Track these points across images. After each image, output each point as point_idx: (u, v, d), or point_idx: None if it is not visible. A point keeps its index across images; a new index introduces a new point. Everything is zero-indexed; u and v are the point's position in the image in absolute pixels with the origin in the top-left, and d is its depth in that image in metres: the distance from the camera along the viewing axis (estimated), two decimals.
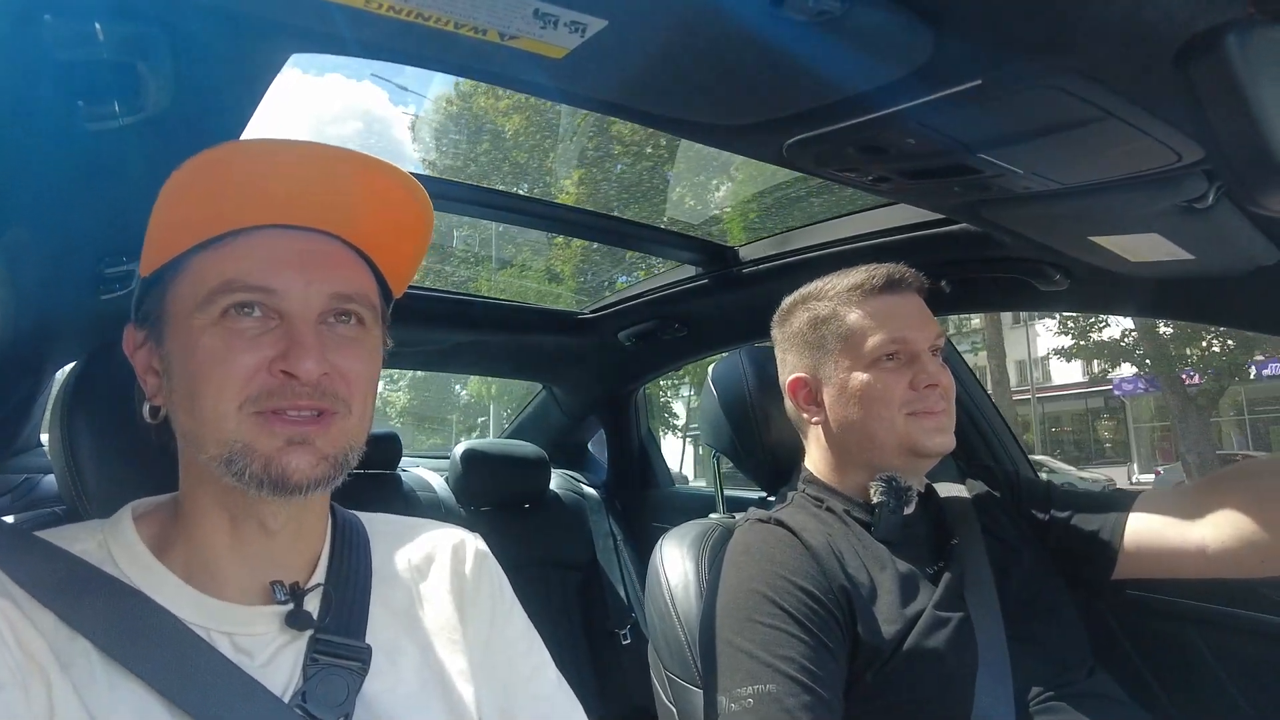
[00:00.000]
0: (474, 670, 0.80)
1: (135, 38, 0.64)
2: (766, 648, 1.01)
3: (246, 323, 0.68)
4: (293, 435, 0.67)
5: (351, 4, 0.58)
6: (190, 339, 0.68)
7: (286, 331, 0.68)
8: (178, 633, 0.67)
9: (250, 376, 0.67)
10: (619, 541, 2.44)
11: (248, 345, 0.67)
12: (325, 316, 0.71)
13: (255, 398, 0.67)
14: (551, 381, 2.74)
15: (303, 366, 0.66)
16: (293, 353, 0.67)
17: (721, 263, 1.79)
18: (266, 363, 0.67)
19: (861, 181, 0.97)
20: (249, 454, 0.66)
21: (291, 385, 0.67)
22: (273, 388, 0.67)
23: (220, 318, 0.68)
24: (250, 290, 0.68)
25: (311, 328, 0.69)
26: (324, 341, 0.69)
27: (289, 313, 0.69)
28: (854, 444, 1.17)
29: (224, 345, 0.67)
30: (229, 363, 0.67)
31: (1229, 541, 1.01)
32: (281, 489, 0.67)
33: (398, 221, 0.75)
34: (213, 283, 0.68)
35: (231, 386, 0.66)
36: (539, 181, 11.35)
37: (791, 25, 0.58)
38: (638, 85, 0.73)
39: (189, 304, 0.69)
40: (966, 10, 0.59)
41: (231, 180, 0.67)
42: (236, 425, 0.66)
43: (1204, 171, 0.84)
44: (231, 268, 0.68)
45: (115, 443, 0.88)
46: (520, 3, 0.56)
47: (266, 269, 0.69)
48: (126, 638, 0.65)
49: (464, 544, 0.88)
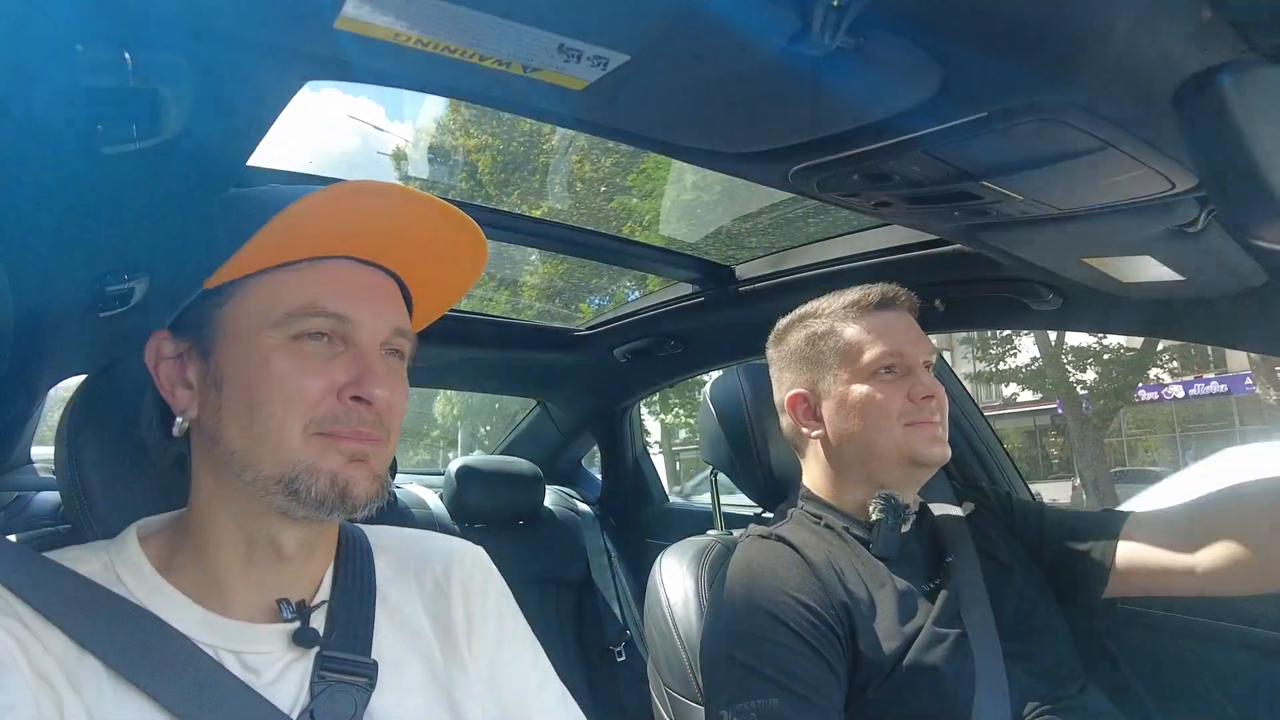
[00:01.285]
0: (480, 684, 0.80)
1: (162, 66, 0.65)
2: (768, 663, 1.01)
3: (316, 346, 0.70)
4: (355, 452, 0.69)
5: (378, 36, 0.59)
6: (257, 356, 0.69)
7: (356, 359, 0.70)
8: (187, 651, 0.67)
9: (319, 400, 0.68)
10: (613, 558, 2.43)
11: (319, 369, 0.69)
12: (383, 348, 0.73)
13: (320, 420, 0.68)
14: (546, 397, 2.74)
15: (376, 393, 0.69)
16: (367, 379, 0.69)
17: (718, 281, 1.81)
18: (336, 388, 0.69)
19: (863, 206, 1.00)
20: (313, 473, 0.68)
21: (358, 411, 0.69)
22: (339, 413, 0.69)
23: (291, 339, 0.69)
24: (329, 316, 0.70)
25: (379, 357, 0.72)
26: (386, 371, 0.72)
27: (359, 341, 0.71)
28: (853, 456, 1.19)
29: (295, 367, 0.68)
30: (299, 385, 0.68)
31: (1218, 561, 1.03)
32: (342, 506, 0.68)
33: (454, 265, 0.79)
34: (292, 305, 0.69)
35: (299, 408, 0.68)
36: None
37: (807, 60, 0.60)
38: (653, 116, 0.74)
39: (258, 321, 0.69)
40: (975, 47, 0.61)
41: (313, 212, 0.69)
42: (300, 446, 0.68)
43: (1196, 198, 0.86)
44: (313, 292, 0.70)
45: (122, 460, 0.87)
46: (547, 38, 0.58)
47: (343, 297, 0.71)
48: (136, 656, 0.65)
49: (467, 556, 0.89)
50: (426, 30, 0.58)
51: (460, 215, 0.74)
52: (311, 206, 0.68)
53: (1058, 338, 16.15)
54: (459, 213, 0.74)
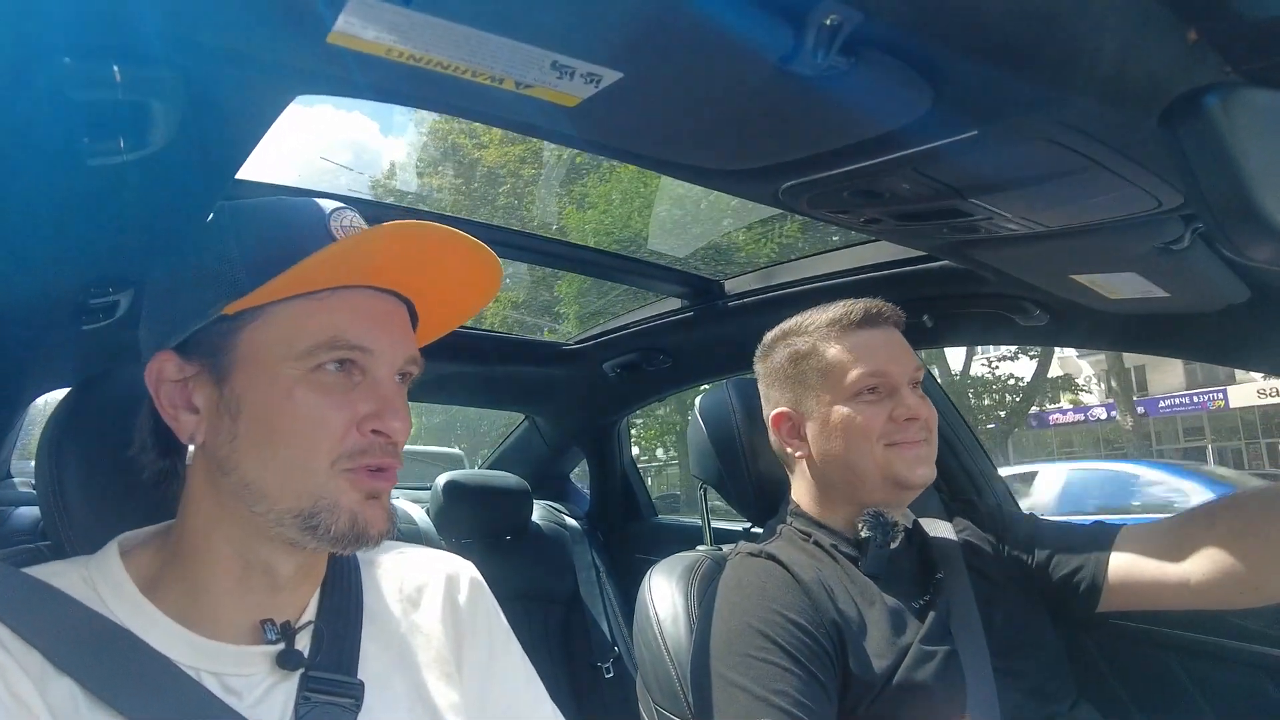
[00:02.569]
0: (469, 703, 0.79)
1: (151, 80, 0.64)
2: (760, 682, 1.01)
3: (334, 378, 0.69)
4: (371, 490, 0.69)
5: (370, 52, 0.59)
6: (278, 388, 0.68)
7: (374, 390, 0.70)
8: (167, 673, 0.65)
9: (344, 434, 0.68)
10: (602, 573, 2.42)
11: (340, 401, 0.69)
12: (395, 376, 0.73)
13: (348, 454, 0.68)
14: (534, 412, 2.73)
15: (395, 427, 0.69)
16: (386, 413, 0.69)
17: (707, 296, 1.81)
18: (357, 420, 0.69)
19: (853, 222, 1.00)
20: (334, 510, 0.67)
21: (379, 444, 0.69)
22: (365, 446, 0.69)
23: (311, 371, 0.68)
24: (352, 349, 0.69)
25: (396, 388, 0.72)
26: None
27: (376, 372, 0.71)
28: (838, 477, 1.18)
29: (318, 400, 0.68)
30: (324, 419, 0.68)
31: (1211, 574, 1.02)
32: (361, 542, 0.69)
33: (465, 297, 0.80)
34: (317, 337, 0.68)
35: (326, 442, 0.67)
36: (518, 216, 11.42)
37: (798, 79, 0.61)
38: (645, 133, 0.75)
39: (279, 351, 0.68)
40: (964, 69, 0.62)
41: (340, 254, 0.69)
42: (326, 480, 0.67)
43: (1182, 216, 0.87)
44: (334, 324, 0.69)
45: (105, 477, 0.86)
46: (540, 55, 0.57)
47: (364, 328, 0.70)
48: (115, 678, 0.63)
49: (458, 573, 0.87)
50: (419, 46, 0.57)
51: (485, 250, 0.74)
52: (355, 245, 0.68)
53: (963, 368, 18.83)
54: (484, 248, 0.74)
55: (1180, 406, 22.46)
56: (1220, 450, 21.67)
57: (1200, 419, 22.56)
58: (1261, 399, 19.37)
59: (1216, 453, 21.54)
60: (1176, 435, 23.23)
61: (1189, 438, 22.93)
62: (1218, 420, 22.05)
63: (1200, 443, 22.29)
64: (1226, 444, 21.78)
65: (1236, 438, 21.38)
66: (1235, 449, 21.45)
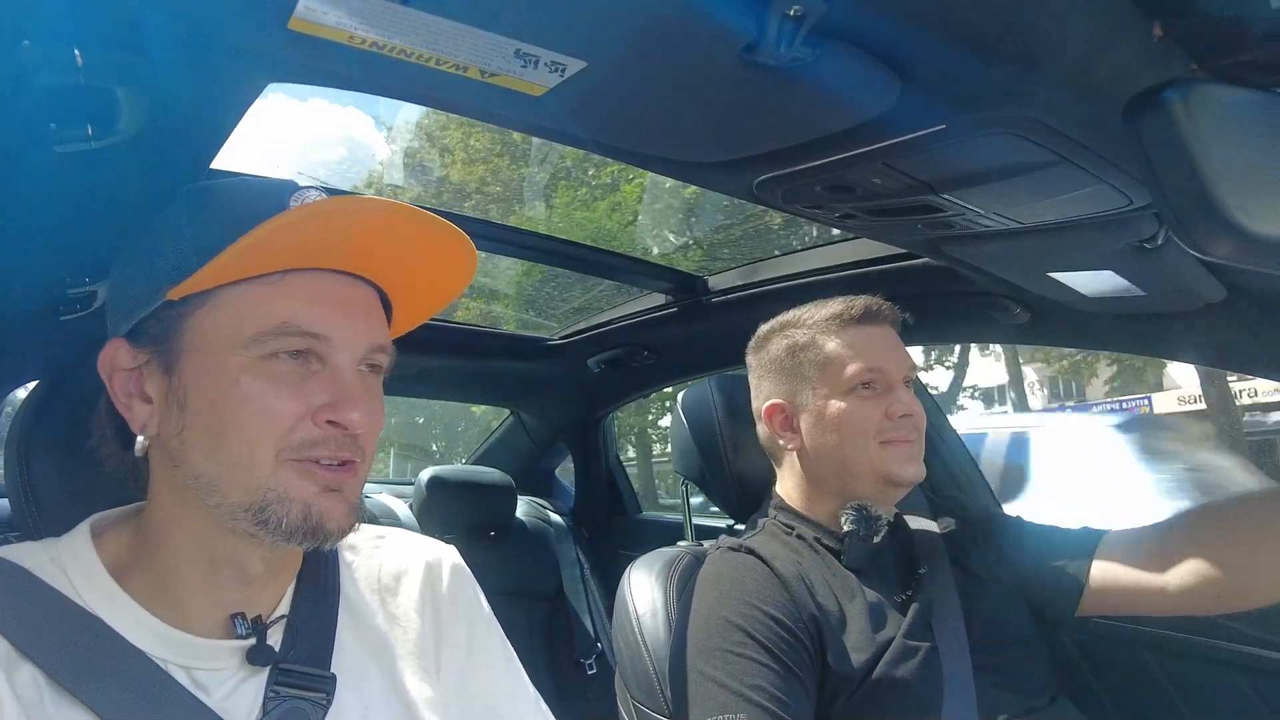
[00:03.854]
0: (448, 694, 0.78)
1: (114, 64, 0.64)
2: (736, 677, 1.01)
3: (288, 366, 0.65)
4: (329, 482, 0.66)
5: (333, 39, 0.58)
6: (224, 377, 0.64)
7: (333, 379, 0.66)
8: (135, 664, 0.64)
9: (293, 425, 0.64)
10: (586, 570, 2.42)
11: (292, 391, 0.65)
12: (360, 365, 0.69)
13: (295, 446, 0.64)
14: (519, 407, 2.72)
15: (353, 419, 0.65)
16: (344, 404, 0.65)
17: (690, 292, 1.81)
18: (311, 411, 0.65)
19: (828, 218, 1.00)
20: (285, 503, 0.64)
21: (335, 436, 0.65)
22: (315, 438, 0.65)
23: (262, 358, 0.65)
24: (305, 336, 0.65)
25: (357, 378, 0.68)
26: (363, 390, 0.68)
27: (335, 361, 0.67)
28: (829, 471, 1.18)
29: (266, 389, 0.64)
30: (271, 409, 0.64)
31: (1190, 581, 1.02)
32: (316, 537, 0.65)
33: (438, 280, 0.75)
34: (265, 323, 0.64)
35: (272, 434, 0.64)
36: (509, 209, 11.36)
37: (764, 70, 0.60)
38: (613, 123, 0.74)
39: (227, 338, 0.65)
40: (931, 61, 0.62)
41: (295, 226, 0.65)
42: (272, 473, 0.64)
43: (1154, 214, 0.88)
44: (285, 309, 0.65)
45: (75, 469, 0.85)
46: (503, 43, 0.57)
47: (319, 314, 0.66)
48: (80, 667, 0.62)
49: (439, 559, 0.85)
50: (380, 32, 0.57)
51: (451, 226, 0.69)
52: (292, 222, 0.63)
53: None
54: (450, 225, 0.69)
55: (1110, 412, 23.36)
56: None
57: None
58: (1181, 405, 20.06)
59: None
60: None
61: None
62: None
63: None
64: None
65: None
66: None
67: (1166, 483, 3.64)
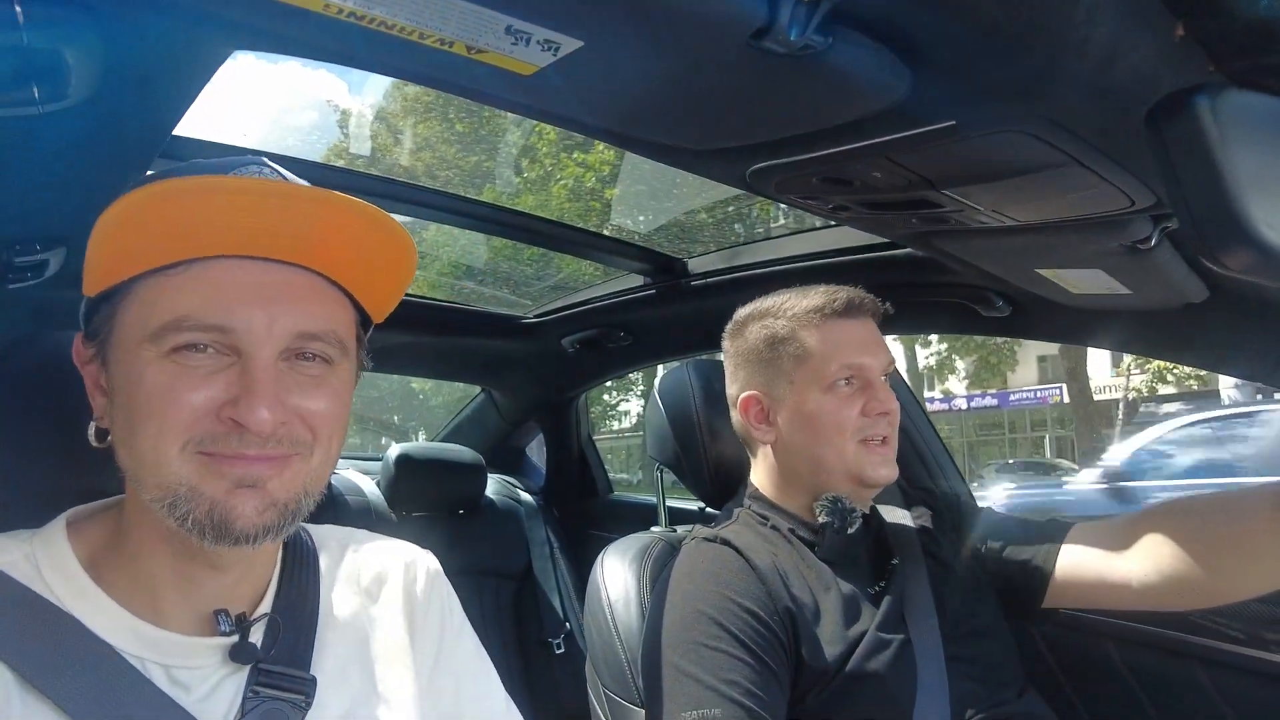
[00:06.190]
0: (420, 695, 0.77)
1: (60, 22, 0.59)
2: (711, 671, 1.00)
3: (197, 359, 0.62)
4: (243, 477, 0.62)
5: (308, 6, 0.53)
6: (135, 371, 0.62)
7: (241, 373, 0.62)
8: (110, 663, 0.62)
9: (195, 420, 0.61)
10: (555, 549, 2.40)
11: (196, 385, 0.61)
12: (288, 355, 0.65)
13: (198, 440, 0.61)
14: (491, 385, 2.68)
15: (255, 417, 0.60)
16: (245, 401, 0.61)
17: (669, 274, 1.78)
18: (215, 406, 0.61)
19: (821, 209, 0.97)
20: (193, 498, 0.61)
21: (238, 433, 0.61)
22: (218, 434, 0.61)
23: (171, 352, 0.61)
24: (203, 329, 0.61)
25: (270, 370, 0.63)
26: (285, 383, 0.64)
27: (246, 352, 0.62)
28: (803, 467, 1.17)
29: (170, 383, 0.61)
30: (173, 403, 0.60)
31: (1153, 576, 1.04)
32: (224, 537, 0.61)
33: (371, 260, 0.68)
34: (164, 317, 0.61)
35: (174, 428, 0.61)
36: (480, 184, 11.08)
37: (772, 56, 0.57)
38: (606, 106, 0.71)
39: (137, 333, 0.62)
40: (946, 53, 0.59)
41: (189, 207, 0.61)
42: (179, 467, 0.61)
43: (1152, 216, 0.86)
44: (184, 302, 0.61)
45: (31, 446, 0.81)
46: (492, 18, 0.53)
47: (223, 305, 0.62)
48: (53, 667, 0.60)
49: (416, 563, 0.85)
50: (359, 2, 0.52)
51: (366, 207, 0.64)
52: (147, 201, 0.59)
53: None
54: (364, 205, 0.64)
55: (1027, 400, 25.18)
56: (1059, 439, 24.10)
57: (1043, 412, 25.18)
58: (1096, 395, 20.81)
59: (1054, 441, 24.22)
60: (1027, 425, 26.10)
61: (1036, 429, 25.75)
62: (1059, 412, 24.18)
63: (1043, 433, 25.15)
64: (1064, 433, 23.79)
65: (1070, 428, 23.43)
66: (1069, 438, 23.42)
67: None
